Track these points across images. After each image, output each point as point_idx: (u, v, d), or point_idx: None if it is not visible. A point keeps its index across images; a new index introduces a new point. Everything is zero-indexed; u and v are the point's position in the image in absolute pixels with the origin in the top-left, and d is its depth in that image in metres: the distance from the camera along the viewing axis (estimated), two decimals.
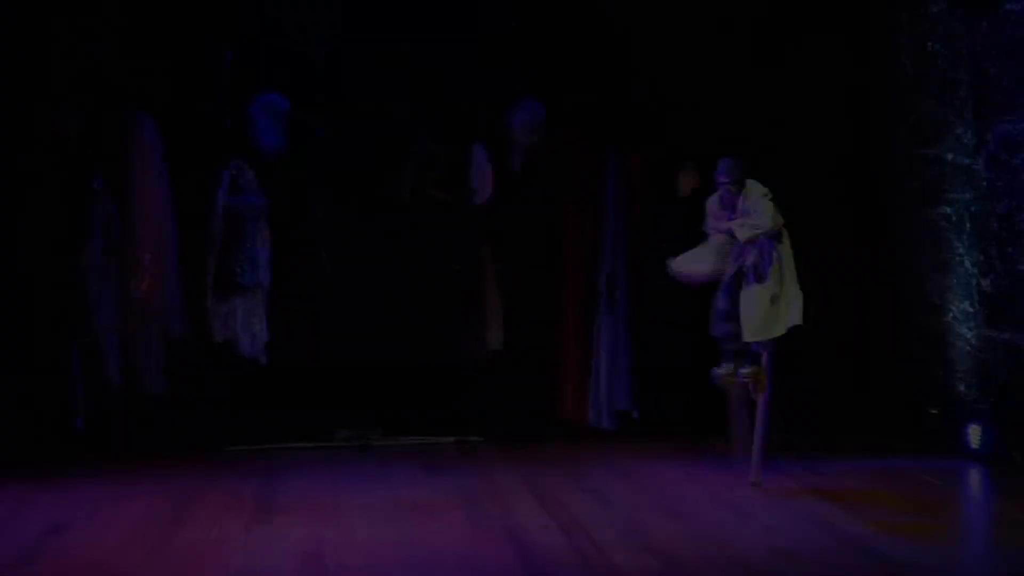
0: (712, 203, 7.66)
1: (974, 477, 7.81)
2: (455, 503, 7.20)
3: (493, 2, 8.83)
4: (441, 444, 8.86)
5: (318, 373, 8.89)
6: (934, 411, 8.43)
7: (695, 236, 8.99)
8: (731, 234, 7.48)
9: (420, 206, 8.90)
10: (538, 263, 8.98)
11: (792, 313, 7.44)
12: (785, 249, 7.51)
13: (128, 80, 8.55)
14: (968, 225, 8.10)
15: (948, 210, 8.26)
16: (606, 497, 7.32)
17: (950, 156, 8.21)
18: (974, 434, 7.96)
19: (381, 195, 8.86)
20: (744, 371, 7.61)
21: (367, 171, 8.85)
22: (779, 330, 7.47)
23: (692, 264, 7.70)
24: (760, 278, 7.41)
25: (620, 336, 9.01)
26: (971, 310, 8.08)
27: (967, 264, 8.14)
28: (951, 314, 8.26)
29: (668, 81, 8.97)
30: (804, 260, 9.09)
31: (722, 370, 7.69)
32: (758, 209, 7.42)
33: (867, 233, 9.08)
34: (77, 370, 8.55)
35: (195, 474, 7.93)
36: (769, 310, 7.41)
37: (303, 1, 8.62)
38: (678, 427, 8.93)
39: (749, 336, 7.46)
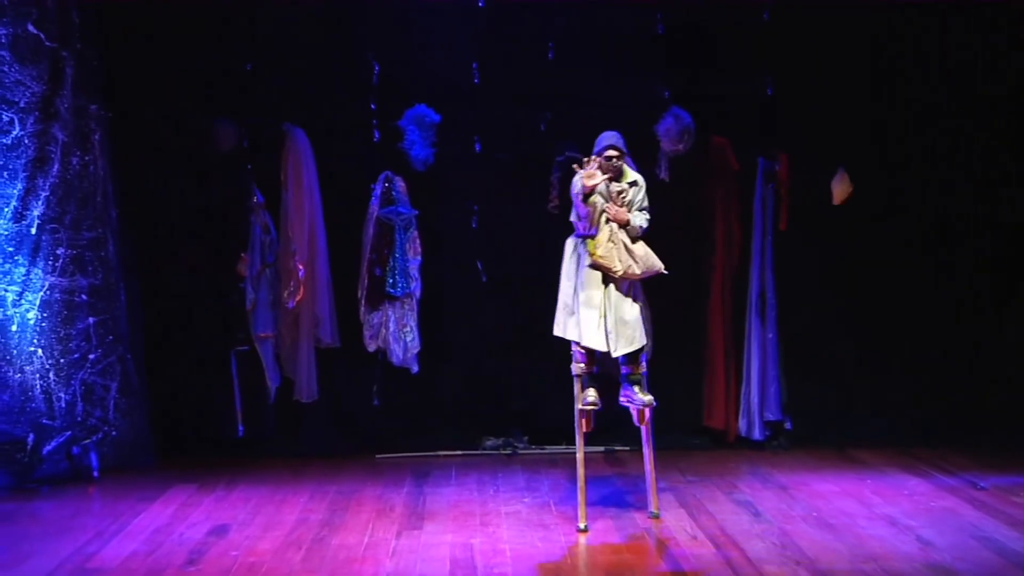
0: (589, 177, 6.79)
1: None
2: (603, 512, 7.21)
3: (637, 9, 8.79)
4: (589, 453, 8.85)
5: (467, 382, 9.01)
6: None
7: (846, 242, 8.85)
8: (618, 222, 6.82)
9: (567, 215, 8.90)
10: (686, 271, 8.89)
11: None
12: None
13: (283, 95, 8.82)
14: None
15: None
16: (756, 509, 7.22)
17: None
18: None
19: (528, 205, 8.90)
20: (646, 397, 6.86)
21: (514, 181, 8.91)
22: (643, 339, 6.90)
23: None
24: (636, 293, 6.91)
25: (770, 345, 8.86)
26: None
27: None
28: None
29: (817, 84, 8.80)
30: (964, 267, 8.88)
31: (592, 398, 6.86)
32: (646, 203, 7.03)
33: None
34: (236, 378, 8.87)
35: (348, 480, 8.12)
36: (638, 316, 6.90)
37: None
38: (830, 438, 8.76)
39: (628, 347, 6.80)
